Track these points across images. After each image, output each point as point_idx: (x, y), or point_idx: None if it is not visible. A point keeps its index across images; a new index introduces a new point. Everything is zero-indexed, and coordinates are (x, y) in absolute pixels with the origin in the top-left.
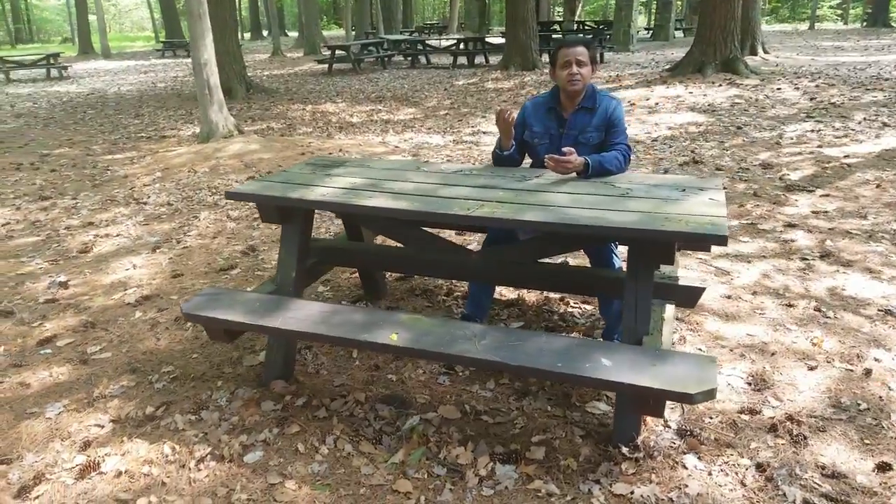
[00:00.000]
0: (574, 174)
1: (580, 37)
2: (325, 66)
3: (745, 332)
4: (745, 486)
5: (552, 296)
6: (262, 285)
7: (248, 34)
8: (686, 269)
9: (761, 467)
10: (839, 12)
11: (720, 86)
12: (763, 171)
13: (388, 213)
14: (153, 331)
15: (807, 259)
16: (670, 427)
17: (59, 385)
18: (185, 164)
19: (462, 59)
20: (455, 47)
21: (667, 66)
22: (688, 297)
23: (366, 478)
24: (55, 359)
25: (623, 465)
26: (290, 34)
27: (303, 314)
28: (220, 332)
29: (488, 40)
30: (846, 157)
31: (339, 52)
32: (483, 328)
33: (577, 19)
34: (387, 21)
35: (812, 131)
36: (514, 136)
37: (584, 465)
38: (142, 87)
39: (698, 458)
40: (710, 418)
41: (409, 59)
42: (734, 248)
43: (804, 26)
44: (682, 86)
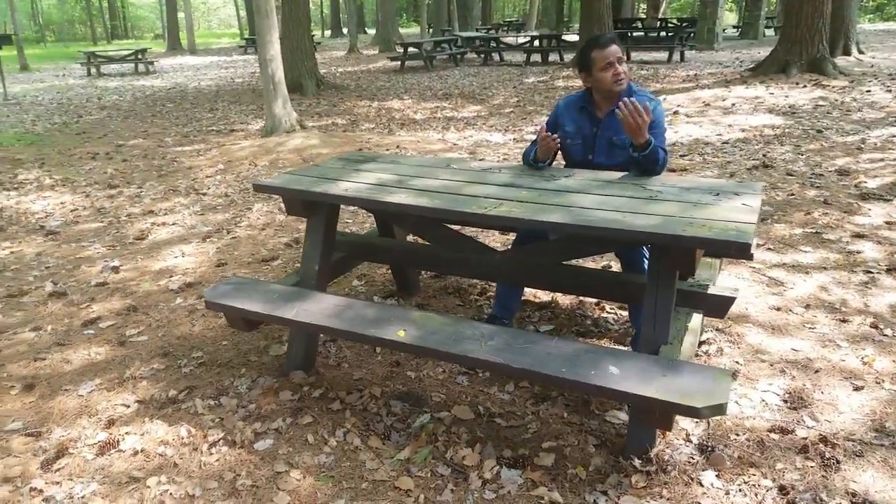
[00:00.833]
0: (632, 146)
1: (609, 35)
2: (398, 64)
3: (790, 346)
4: None
5: (587, 300)
6: (286, 277)
7: (328, 31)
8: (737, 278)
9: (784, 490)
10: None
11: (804, 87)
12: (838, 178)
13: (406, 210)
14: (190, 317)
15: (871, 272)
16: (692, 442)
17: (95, 364)
18: (247, 157)
19: (536, 57)
20: (528, 45)
21: (750, 66)
22: (717, 307)
23: (369, 472)
24: (96, 339)
25: (633, 478)
26: (369, 32)
27: (317, 307)
28: (238, 320)
29: (564, 38)
30: None
31: (412, 50)
32: (493, 329)
33: (660, 16)
34: (462, 18)
35: None
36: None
37: (593, 475)
38: (220, 82)
39: (717, 475)
40: (737, 435)
41: (481, 56)
42: (793, 257)
43: None
44: (763, 86)
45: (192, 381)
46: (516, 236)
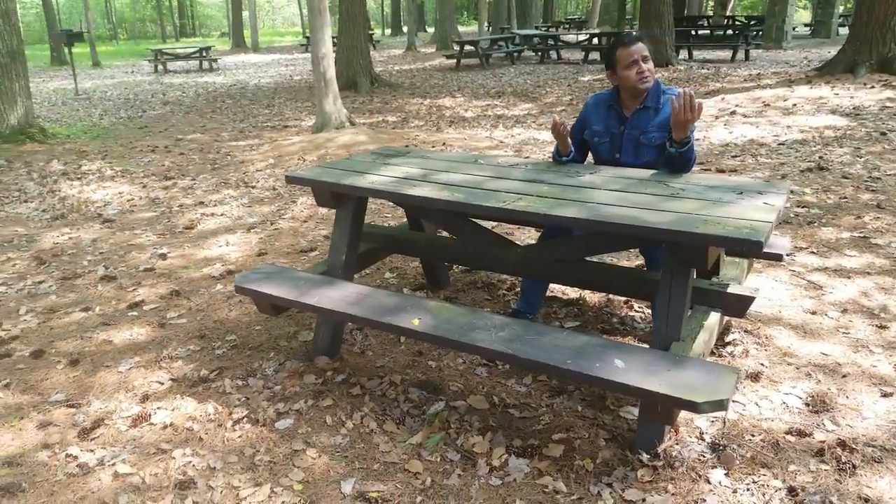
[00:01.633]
0: (670, 140)
1: (634, 33)
2: (454, 62)
3: (820, 350)
4: None
5: (616, 298)
6: (315, 266)
7: (388, 30)
8: (774, 280)
9: (793, 491)
10: None
11: (872, 87)
12: None
13: (427, 203)
14: (227, 303)
15: None
16: (704, 440)
17: (136, 344)
18: (297, 152)
19: (595, 55)
20: (587, 42)
21: (817, 66)
22: (736, 306)
23: (382, 454)
24: (139, 321)
25: (639, 472)
26: (429, 30)
27: (339, 294)
28: (266, 305)
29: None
30: None
31: (468, 48)
32: (506, 320)
33: (728, 14)
34: (521, 16)
35: None
36: (573, 136)
37: (599, 468)
38: (279, 79)
39: (726, 474)
40: (753, 435)
41: (539, 54)
42: (836, 261)
43: None
44: (829, 86)
45: (223, 363)
46: (542, 232)
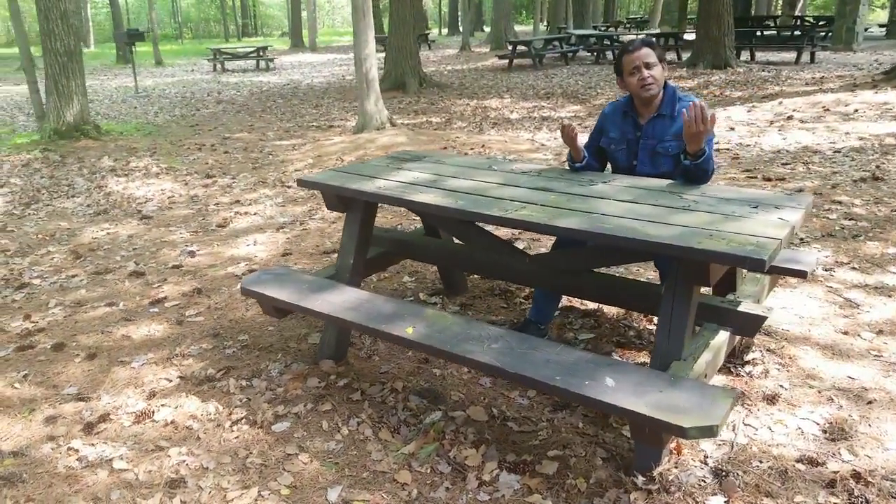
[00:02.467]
0: (685, 153)
1: (641, 38)
2: (507, 62)
3: (847, 373)
4: None
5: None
6: (324, 269)
7: (445, 29)
8: (808, 297)
9: None
10: None
11: None
12: None
13: (427, 209)
14: (245, 302)
15: None
16: (707, 464)
17: (152, 340)
18: (336, 152)
19: None
20: None
21: (886, 69)
22: (747, 326)
23: (373, 463)
24: (158, 317)
25: (632, 495)
26: (487, 30)
27: (339, 299)
28: (270, 307)
29: (685, 36)
30: None
31: (521, 48)
32: (501, 332)
33: (797, 14)
34: (578, 15)
35: None
36: (590, 143)
37: (592, 488)
38: (332, 79)
39: (726, 502)
40: (760, 462)
41: (594, 54)
42: (878, 278)
43: None
44: (895, 91)
45: (231, 362)
46: (555, 241)
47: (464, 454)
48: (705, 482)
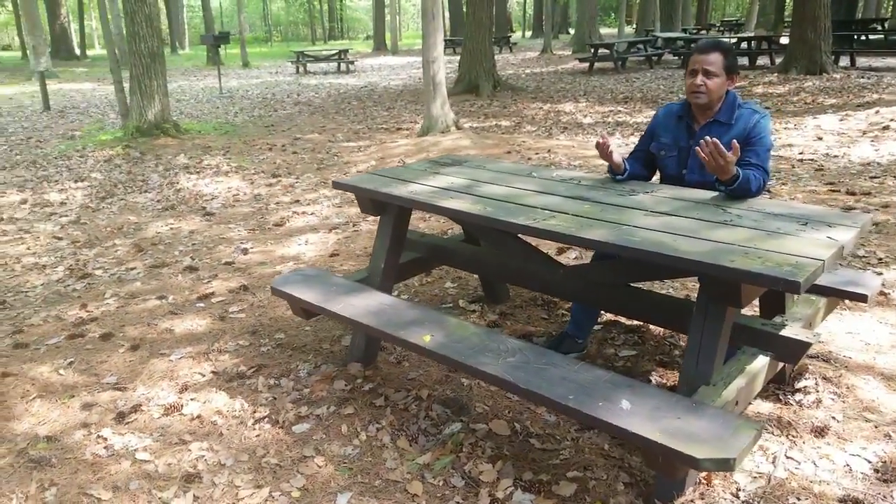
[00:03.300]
0: (717, 180)
1: (717, 41)
2: (587, 65)
3: None
4: None
5: None
6: (357, 272)
7: (529, 32)
8: (879, 322)
9: None
10: None
11: None
12: None
13: (454, 215)
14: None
15: None
16: (739, 497)
17: (193, 335)
18: (399, 154)
19: (743, 60)
20: (734, 47)
21: None
22: (789, 351)
23: (386, 471)
24: (203, 312)
25: None
26: (572, 32)
27: (363, 303)
28: (298, 309)
29: (781, 40)
30: None
31: (602, 51)
32: (521, 345)
33: None
34: (666, 17)
35: None
36: (639, 147)
37: None
38: (409, 81)
39: None
40: (798, 499)
41: (680, 58)
42: None
43: None
44: None
45: (264, 360)
46: (594, 253)
47: (479, 469)
48: None
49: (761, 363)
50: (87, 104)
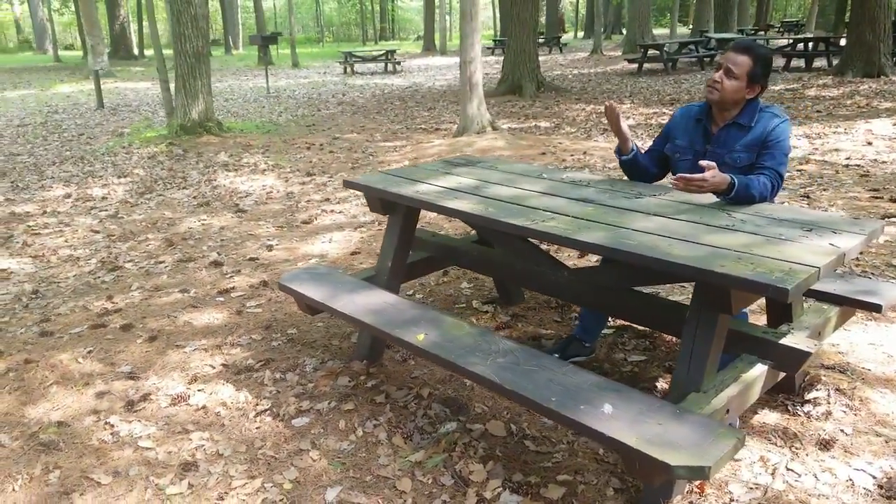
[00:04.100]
0: (712, 194)
1: (749, 44)
2: (636, 66)
3: None
4: None
5: None
6: (363, 271)
7: (581, 32)
8: None
9: None
10: None
11: None
12: None
13: (456, 216)
14: None
15: None
16: None
17: (209, 328)
18: (433, 154)
19: (799, 62)
20: (789, 48)
21: None
22: (787, 361)
23: (378, 467)
24: (222, 306)
25: None
26: (625, 32)
27: (365, 301)
28: (304, 305)
29: (838, 42)
30: None
31: (652, 52)
32: (512, 347)
33: None
34: (721, 18)
35: None
36: (653, 147)
37: None
38: (453, 82)
39: None
40: None
41: None
42: None
43: None
44: None
45: (273, 354)
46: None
47: (470, 468)
48: None
49: (758, 372)
50: (139, 102)
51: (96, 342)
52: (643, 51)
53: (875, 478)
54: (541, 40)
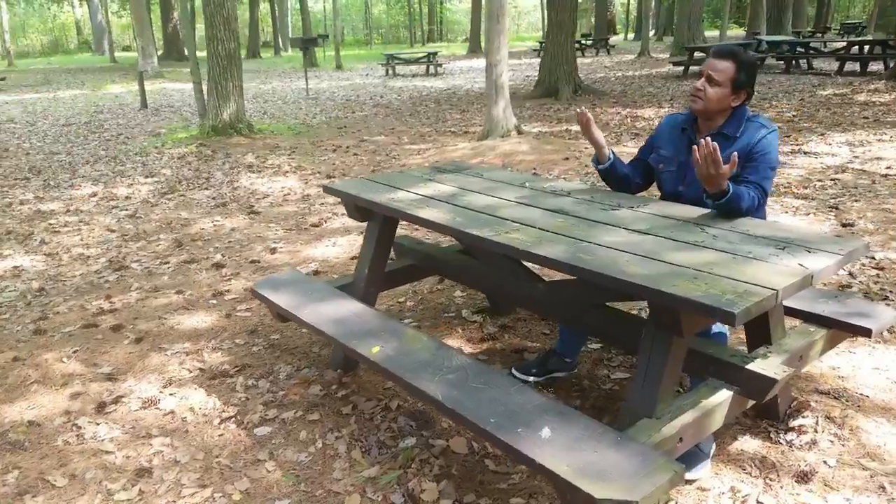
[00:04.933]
0: (705, 192)
1: (734, 49)
2: (682, 69)
3: None
4: None
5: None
6: (339, 278)
7: (631, 35)
8: None
9: None
10: None
11: None
12: None
13: (427, 225)
14: None
15: None
16: None
17: (195, 331)
18: (455, 158)
19: (854, 66)
20: (844, 51)
21: None
22: (753, 387)
23: (331, 482)
24: (212, 309)
25: None
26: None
27: (332, 310)
28: (275, 313)
29: (893, 44)
30: None
31: (698, 55)
32: (466, 363)
33: None
34: (774, 19)
35: None
36: (637, 157)
37: None
38: None
39: None
40: None
41: (783, 62)
42: None
43: None
44: None
45: (250, 360)
46: None
47: (423, 487)
48: None
49: (721, 398)
50: (181, 103)
51: (84, 342)
52: (689, 54)
53: None
54: (588, 42)
